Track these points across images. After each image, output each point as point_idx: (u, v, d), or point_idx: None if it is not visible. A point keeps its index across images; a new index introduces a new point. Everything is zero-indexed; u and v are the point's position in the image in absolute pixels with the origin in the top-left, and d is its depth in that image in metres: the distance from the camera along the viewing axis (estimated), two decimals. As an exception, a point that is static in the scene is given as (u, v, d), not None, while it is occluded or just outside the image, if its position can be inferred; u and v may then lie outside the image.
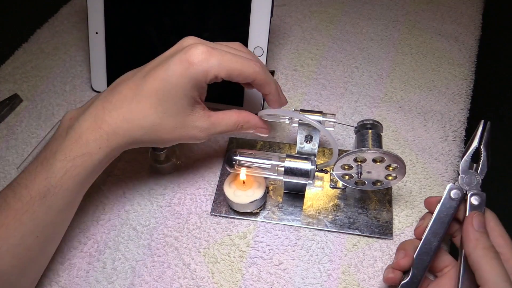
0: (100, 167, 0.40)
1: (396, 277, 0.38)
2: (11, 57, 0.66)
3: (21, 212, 0.36)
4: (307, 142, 0.45)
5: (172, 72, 0.37)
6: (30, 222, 0.36)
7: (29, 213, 0.36)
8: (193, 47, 0.37)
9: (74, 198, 0.40)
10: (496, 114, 0.97)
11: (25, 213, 0.36)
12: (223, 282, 0.43)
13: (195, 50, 0.37)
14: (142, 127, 0.38)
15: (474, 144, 0.40)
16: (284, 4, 0.71)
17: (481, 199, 0.38)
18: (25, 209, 0.36)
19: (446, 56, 0.62)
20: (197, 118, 0.40)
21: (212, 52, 0.37)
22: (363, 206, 0.47)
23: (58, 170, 0.37)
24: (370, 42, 0.65)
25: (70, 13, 0.72)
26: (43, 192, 0.36)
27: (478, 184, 0.39)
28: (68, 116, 0.40)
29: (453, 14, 0.68)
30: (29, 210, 0.36)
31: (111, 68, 0.58)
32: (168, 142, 0.41)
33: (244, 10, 0.52)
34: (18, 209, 0.36)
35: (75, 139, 0.37)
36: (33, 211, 0.36)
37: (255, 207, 0.45)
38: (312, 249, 0.44)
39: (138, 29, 0.56)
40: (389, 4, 0.70)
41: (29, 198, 0.36)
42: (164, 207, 0.48)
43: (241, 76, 0.39)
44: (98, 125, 0.37)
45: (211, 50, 0.37)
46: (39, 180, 0.37)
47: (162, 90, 0.37)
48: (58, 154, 0.37)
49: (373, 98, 0.58)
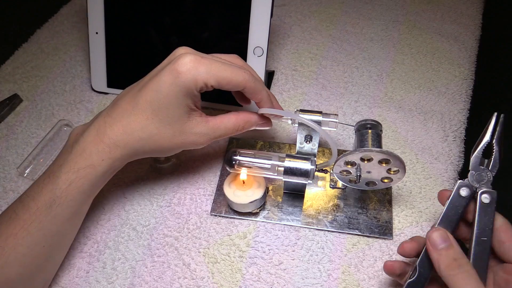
0: (104, 178, 0.41)
1: (395, 265, 0.37)
2: (11, 57, 0.66)
3: (29, 222, 0.37)
4: (307, 142, 0.45)
5: (163, 82, 0.38)
6: (37, 232, 0.38)
7: (36, 223, 0.37)
8: (182, 56, 0.38)
9: (79, 208, 0.41)
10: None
11: (32, 223, 0.37)
12: (223, 282, 0.43)
13: (183, 59, 0.37)
14: (141, 138, 0.39)
15: (486, 139, 0.37)
16: (284, 4, 0.71)
17: (491, 197, 0.36)
18: (32, 219, 0.37)
19: (446, 56, 0.62)
20: (194, 125, 0.41)
21: (201, 61, 0.38)
22: (363, 206, 0.47)
23: (63, 181, 0.38)
24: (370, 42, 0.65)
25: (70, 13, 0.72)
26: (49, 202, 0.38)
27: (489, 181, 0.36)
28: (75, 132, 0.42)
29: (453, 14, 0.68)
30: (36, 220, 0.37)
31: (111, 68, 0.58)
32: (170, 151, 0.42)
33: (244, 10, 0.52)
34: (26, 219, 0.37)
35: (79, 153, 0.39)
36: (39, 221, 0.37)
37: (255, 207, 0.45)
38: (312, 249, 0.44)
39: (138, 29, 0.56)
40: (389, 4, 0.70)
41: (36, 208, 0.38)
42: (164, 207, 0.48)
43: (231, 84, 0.39)
44: (100, 139, 0.39)
45: (199, 59, 0.38)
46: (45, 191, 0.38)
47: (155, 101, 0.38)
48: (63, 167, 0.39)
49: (373, 98, 0.58)
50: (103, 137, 0.39)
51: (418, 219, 0.46)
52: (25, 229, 0.37)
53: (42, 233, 0.38)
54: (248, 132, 0.54)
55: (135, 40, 0.56)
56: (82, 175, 0.39)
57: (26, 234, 0.37)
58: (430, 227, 0.40)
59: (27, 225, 0.37)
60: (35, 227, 0.37)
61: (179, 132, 0.40)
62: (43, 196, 0.38)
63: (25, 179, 0.51)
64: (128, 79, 0.58)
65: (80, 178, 0.39)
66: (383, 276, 0.42)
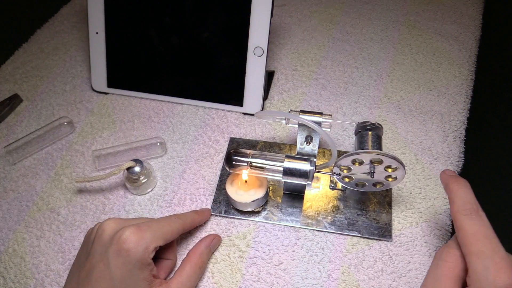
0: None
1: None
2: (11, 57, 0.66)
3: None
4: (307, 143, 0.45)
5: (114, 267, 0.35)
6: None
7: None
8: (121, 233, 0.36)
9: None
10: (496, 114, 0.97)
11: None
12: (223, 282, 0.43)
13: (124, 235, 0.36)
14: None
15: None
16: (284, 4, 0.71)
17: None
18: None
19: (446, 56, 0.62)
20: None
21: (141, 229, 0.37)
22: (363, 207, 0.47)
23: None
24: (370, 42, 0.65)
25: (70, 13, 0.72)
26: None
27: None
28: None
29: (453, 14, 0.68)
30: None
31: (111, 68, 0.58)
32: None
33: (244, 10, 0.52)
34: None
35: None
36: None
37: (257, 205, 0.45)
38: (312, 250, 0.44)
39: (138, 29, 0.56)
40: (389, 4, 0.70)
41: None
42: (164, 207, 0.48)
43: (175, 234, 0.40)
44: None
45: (138, 227, 0.37)
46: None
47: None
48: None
49: (373, 99, 0.58)
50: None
51: (418, 219, 0.46)
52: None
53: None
54: (248, 132, 0.54)
55: (135, 40, 0.56)
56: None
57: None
58: (430, 228, 0.40)
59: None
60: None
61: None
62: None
63: (25, 178, 0.51)
64: (128, 79, 0.58)
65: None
66: (383, 277, 0.42)
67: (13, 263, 0.45)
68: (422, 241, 0.44)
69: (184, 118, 0.57)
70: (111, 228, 0.37)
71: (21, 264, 0.45)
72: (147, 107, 0.58)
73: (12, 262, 0.45)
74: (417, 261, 0.43)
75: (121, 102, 0.59)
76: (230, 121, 0.56)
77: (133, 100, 0.59)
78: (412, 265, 0.43)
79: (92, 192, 0.50)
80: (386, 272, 0.43)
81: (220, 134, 0.55)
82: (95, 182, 0.51)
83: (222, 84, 0.56)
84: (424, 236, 0.45)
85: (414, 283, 0.42)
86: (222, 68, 0.55)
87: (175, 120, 0.56)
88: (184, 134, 0.55)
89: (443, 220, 0.46)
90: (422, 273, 0.42)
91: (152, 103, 0.58)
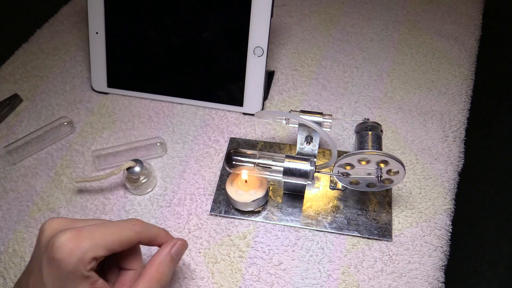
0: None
1: None
2: (11, 57, 0.66)
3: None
4: (308, 143, 0.45)
5: (48, 276, 0.31)
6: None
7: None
8: (56, 239, 0.30)
9: None
10: (496, 114, 0.97)
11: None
12: (223, 282, 0.43)
13: (59, 241, 0.30)
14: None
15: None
16: (284, 4, 0.71)
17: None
18: None
19: (446, 56, 0.62)
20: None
21: (80, 234, 0.31)
22: (363, 207, 0.47)
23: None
24: (370, 42, 0.65)
25: (70, 13, 0.72)
26: None
27: None
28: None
29: (453, 14, 0.68)
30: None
31: (111, 68, 0.58)
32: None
33: (244, 10, 0.52)
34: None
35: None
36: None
37: (257, 205, 0.45)
38: (312, 250, 0.44)
39: (138, 29, 0.56)
40: (389, 4, 0.70)
41: None
42: (164, 207, 0.48)
43: (124, 244, 0.33)
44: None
45: (78, 232, 0.31)
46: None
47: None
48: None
49: (373, 99, 0.58)
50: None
51: (418, 219, 0.46)
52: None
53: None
54: (248, 132, 0.54)
55: (135, 40, 0.56)
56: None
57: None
58: (430, 228, 0.40)
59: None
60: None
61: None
62: None
63: (25, 178, 0.51)
64: (128, 79, 0.58)
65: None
66: (383, 276, 0.42)
67: (13, 263, 0.45)
68: (422, 241, 0.44)
69: (184, 118, 0.57)
70: (50, 230, 0.33)
71: (21, 264, 0.45)
72: (147, 107, 0.58)
73: (12, 262, 0.45)
74: (417, 261, 0.43)
75: (121, 102, 0.59)
76: (230, 121, 0.56)
77: (133, 100, 0.59)
78: (412, 265, 0.43)
79: (92, 192, 0.50)
80: (386, 272, 0.43)
81: (220, 134, 0.55)
82: (95, 182, 0.51)
83: (222, 84, 0.56)
84: (424, 236, 0.45)
85: (414, 283, 0.42)
86: (222, 68, 0.55)
87: (175, 120, 0.56)
88: (184, 134, 0.55)
89: (443, 220, 0.46)
90: (422, 273, 0.42)
91: (152, 103, 0.58)
